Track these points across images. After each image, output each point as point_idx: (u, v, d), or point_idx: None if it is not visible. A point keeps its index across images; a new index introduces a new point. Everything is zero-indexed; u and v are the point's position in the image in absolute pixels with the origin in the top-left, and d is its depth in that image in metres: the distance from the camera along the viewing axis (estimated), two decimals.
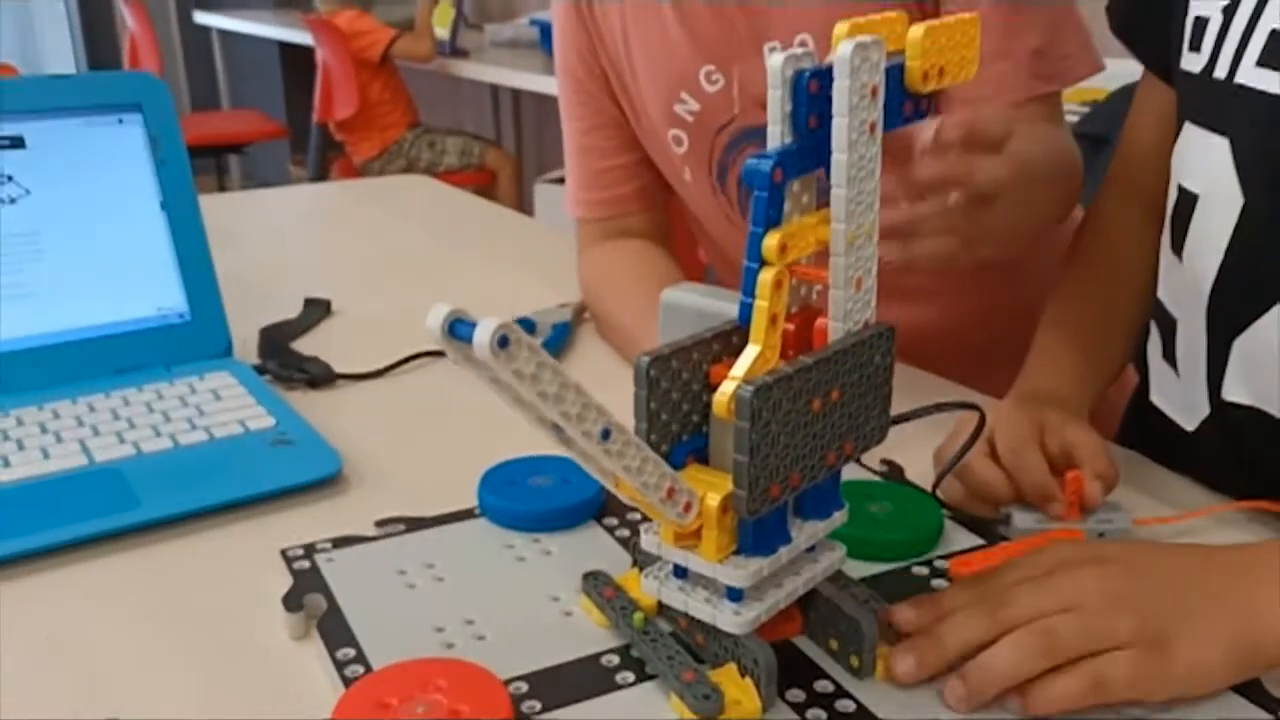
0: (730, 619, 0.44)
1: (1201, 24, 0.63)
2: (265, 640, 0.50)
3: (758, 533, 0.44)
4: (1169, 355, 0.68)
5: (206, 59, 4.81)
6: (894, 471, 0.65)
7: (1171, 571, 0.47)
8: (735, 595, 0.45)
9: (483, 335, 0.35)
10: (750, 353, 0.43)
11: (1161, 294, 0.68)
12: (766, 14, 0.79)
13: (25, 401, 0.71)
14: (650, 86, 0.86)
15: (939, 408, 0.61)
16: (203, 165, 3.97)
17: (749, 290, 0.44)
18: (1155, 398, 0.71)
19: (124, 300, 0.78)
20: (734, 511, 0.43)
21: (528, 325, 0.90)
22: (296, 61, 4.15)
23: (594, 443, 0.39)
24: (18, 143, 0.75)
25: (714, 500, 0.43)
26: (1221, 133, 0.61)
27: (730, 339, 0.46)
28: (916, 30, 0.44)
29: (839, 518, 0.48)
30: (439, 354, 0.85)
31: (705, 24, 0.82)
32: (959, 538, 0.58)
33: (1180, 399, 0.68)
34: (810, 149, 0.44)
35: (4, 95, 0.75)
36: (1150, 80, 0.74)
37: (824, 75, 0.43)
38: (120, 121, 0.79)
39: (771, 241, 0.43)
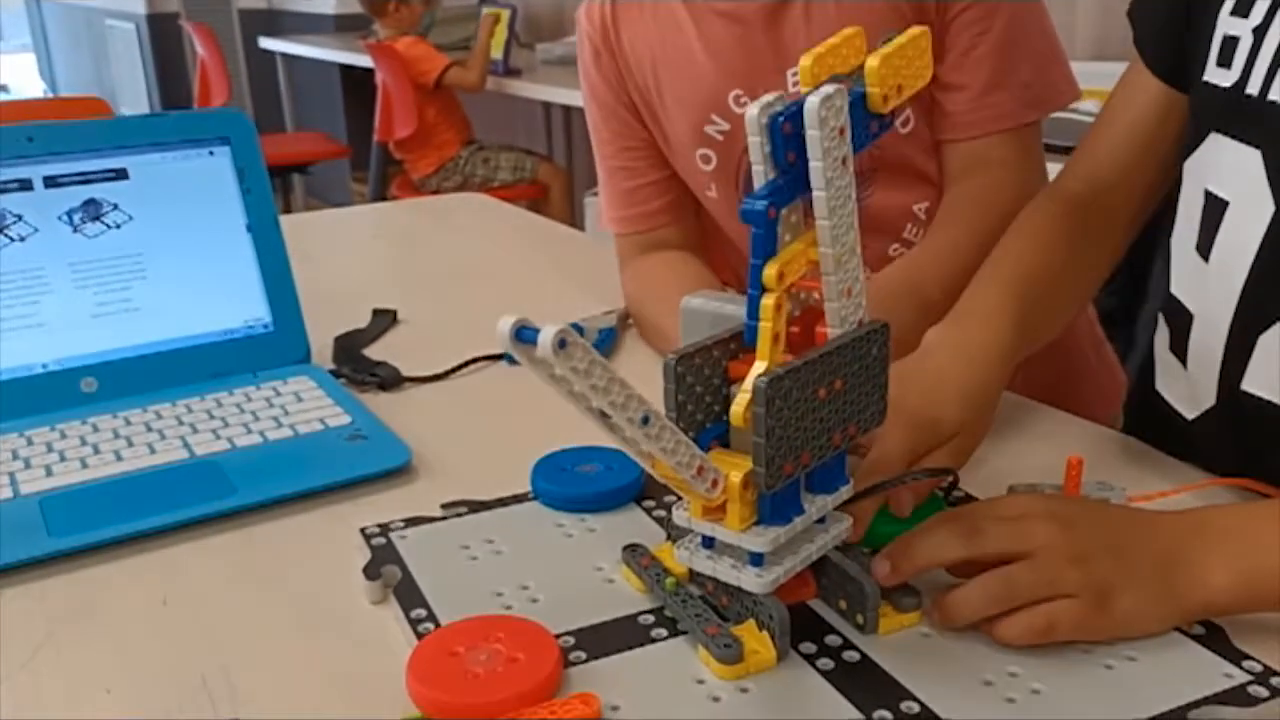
0: (753, 580, 0.51)
1: (1231, 43, 0.67)
2: (348, 604, 0.58)
3: (775, 505, 0.51)
4: (1178, 348, 0.73)
5: (271, 82, 4.97)
6: None
7: (1124, 534, 0.54)
8: (757, 560, 0.52)
9: (545, 337, 0.42)
10: (758, 368, 0.50)
11: (1177, 291, 0.72)
12: (790, 42, 0.86)
13: (131, 404, 0.80)
14: (679, 111, 0.93)
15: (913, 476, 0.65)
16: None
17: (753, 314, 0.50)
18: (1160, 386, 0.76)
19: (215, 313, 0.87)
20: (754, 487, 0.50)
21: (576, 331, 0.97)
22: (357, 83, 4.29)
23: (636, 428, 0.46)
24: (121, 174, 0.84)
25: (736, 477, 0.50)
26: (1254, 145, 0.65)
27: (745, 337, 0.52)
28: (873, 61, 0.50)
29: (845, 492, 0.54)
30: (496, 357, 0.93)
31: (732, 53, 0.88)
32: None
33: (1184, 390, 0.73)
34: (793, 181, 0.50)
35: (109, 133, 0.85)
36: (1142, 76, 0.77)
37: (794, 116, 0.49)
38: (211, 154, 0.88)
39: (770, 271, 0.49)
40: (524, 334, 0.44)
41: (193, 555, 0.64)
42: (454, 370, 0.90)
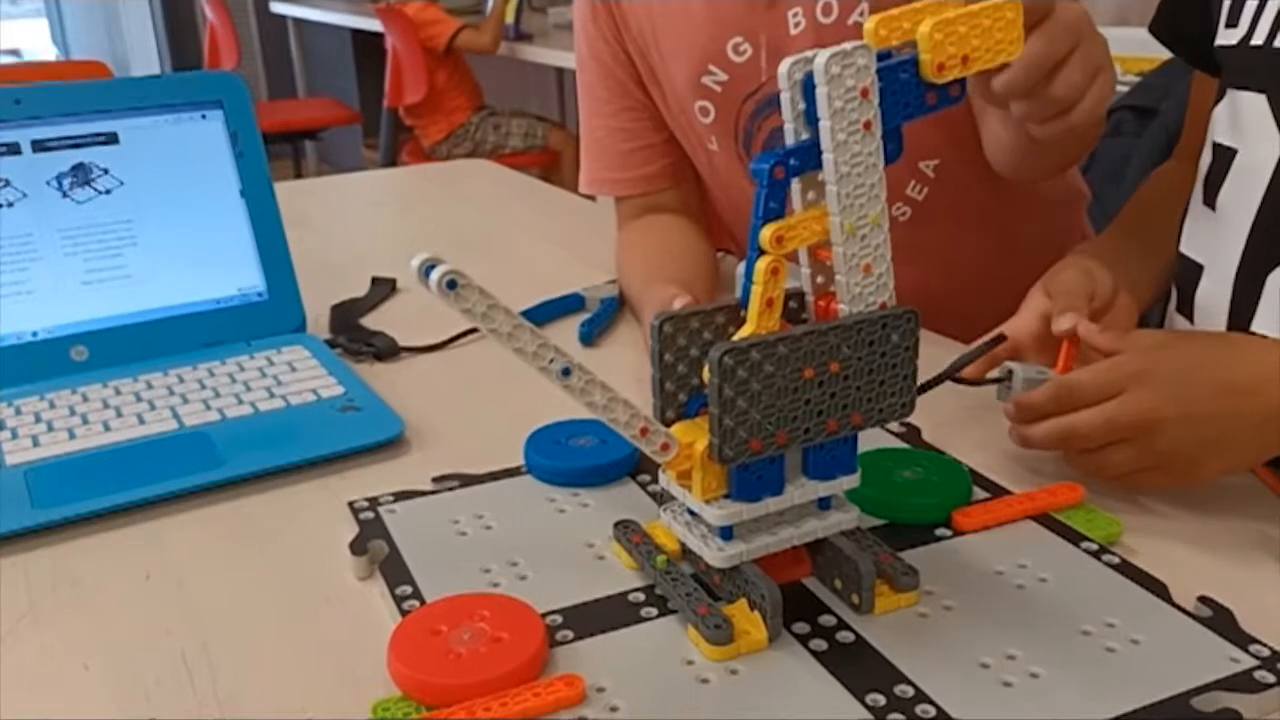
0: (715, 554, 0.50)
1: (1239, 3, 0.69)
2: (334, 579, 0.57)
3: (742, 481, 0.49)
4: (1184, 307, 0.72)
5: (283, 48, 4.94)
6: (913, 432, 0.70)
7: (1199, 418, 0.56)
8: (726, 534, 0.50)
9: (434, 276, 0.42)
10: (743, 332, 0.49)
11: (1186, 248, 0.73)
12: None
13: (122, 374, 0.79)
14: (677, 63, 0.91)
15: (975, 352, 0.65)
16: (280, 151, 4.10)
17: (748, 275, 0.49)
18: None
19: (208, 281, 0.85)
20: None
21: (577, 300, 0.96)
22: (368, 49, 4.25)
23: (554, 379, 0.46)
24: (112, 139, 0.83)
25: (702, 445, 0.48)
26: (1260, 91, 0.66)
27: (738, 312, 0.51)
28: (925, 25, 0.48)
29: (845, 482, 0.52)
30: None
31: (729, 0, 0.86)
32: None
33: None
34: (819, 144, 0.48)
35: (98, 96, 0.83)
36: (1200, 76, 0.79)
37: None
38: (203, 117, 0.86)
39: (767, 233, 0.47)
40: (429, 272, 0.43)
41: (179, 528, 0.63)
42: (451, 341, 0.89)
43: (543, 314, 0.94)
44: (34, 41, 6.90)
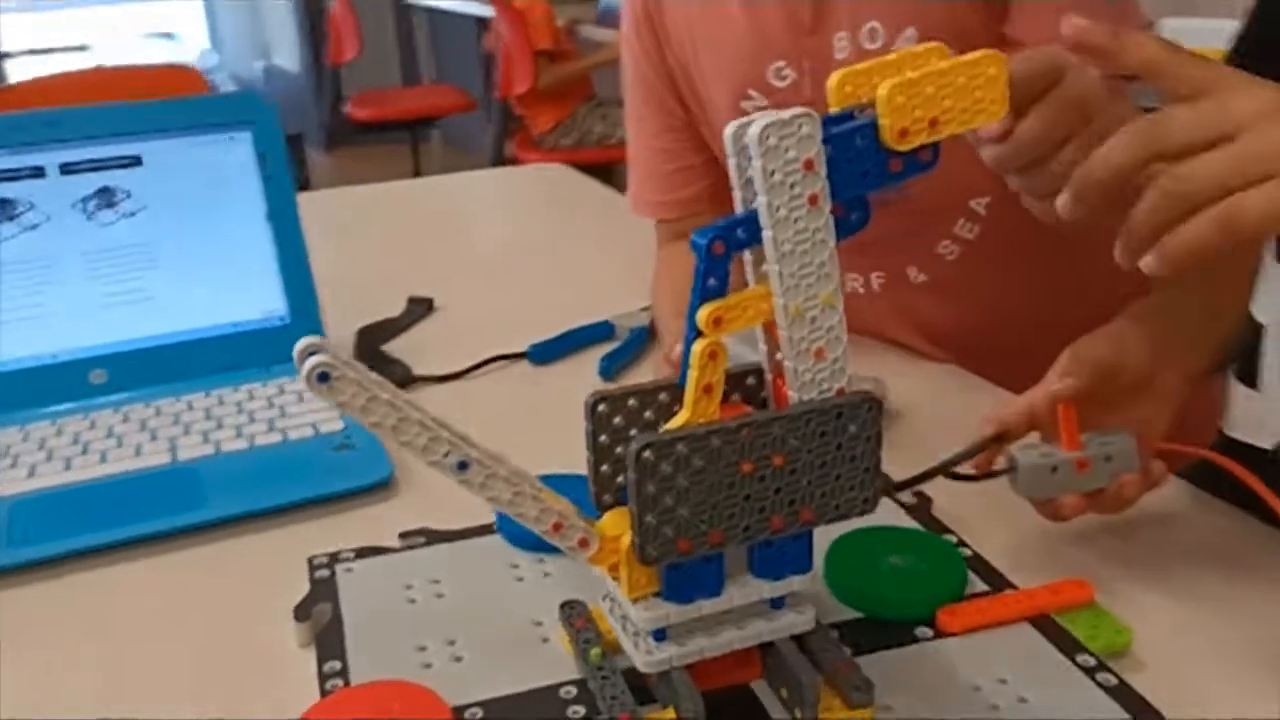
0: (643, 658, 0.46)
1: None
2: (278, 645, 0.55)
3: (675, 580, 0.45)
4: (1247, 371, 0.65)
5: (413, 35, 5.03)
6: (923, 504, 0.64)
7: None
8: (659, 635, 0.46)
9: (305, 369, 0.39)
10: (678, 420, 0.44)
11: (1253, 306, 0.65)
12: (833, 4, 0.78)
13: (136, 399, 0.79)
14: (717, 83, 0.86)
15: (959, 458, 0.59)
16: (399, 138, 4.17)
17: (685, 359, 0.44)
18: (1229, 429, 0.67)
19: (230, 304, 0.85)
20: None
21: (606, 329, 0.92)
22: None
23: (450, 474, 0.43)
24: (136, 161, 0.83)
25: (627, 540, 0.44)
26: None
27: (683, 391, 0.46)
28: (884, 87, 0.43)
29: (796, 582, 0.47)
30: (519, 356, 0.89)
31: (772, 20, 0.81)
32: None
33: (1258, 415, 0.65)
34: None
35: (123, 118, 0.83)
36: None
37: None
38: (231, 139, 0.86)
39: (703, 314, 0.43)
40: (309, 360, 0.41)
41: (142, 573, 0.62)
42: (468, 371, 0.87)
43: (569, 343, 0.91)
44: (187, 24, 7.20)
